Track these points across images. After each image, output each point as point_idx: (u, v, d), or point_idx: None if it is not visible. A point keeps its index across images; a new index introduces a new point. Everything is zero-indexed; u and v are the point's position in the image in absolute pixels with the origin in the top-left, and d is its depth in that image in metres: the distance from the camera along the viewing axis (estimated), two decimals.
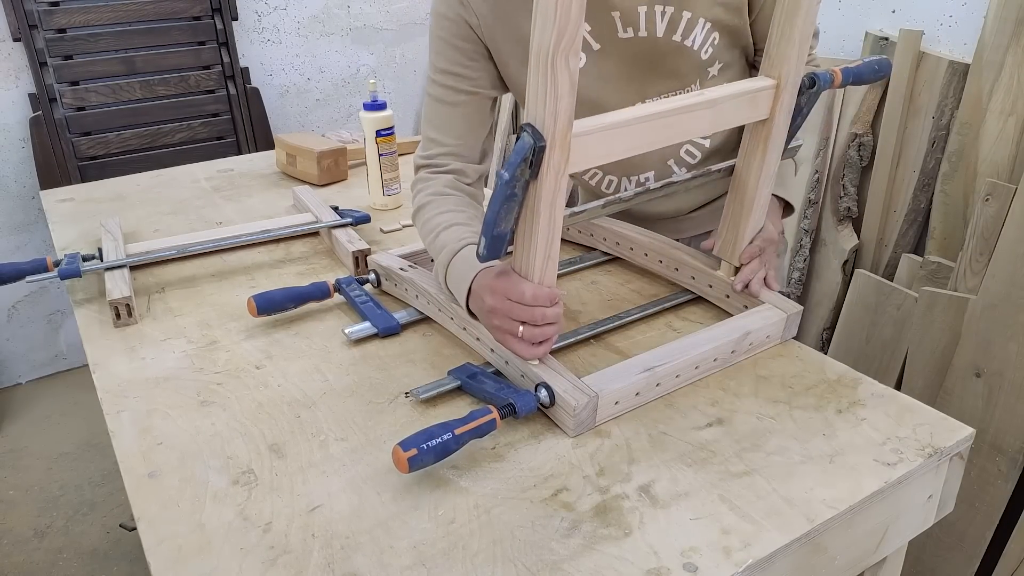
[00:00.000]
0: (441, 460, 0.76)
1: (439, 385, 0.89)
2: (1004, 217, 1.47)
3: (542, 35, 0.68)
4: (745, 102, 0.88)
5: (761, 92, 0.89)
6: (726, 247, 1.03)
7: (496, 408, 0.80)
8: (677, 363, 0.88)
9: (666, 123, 0.83)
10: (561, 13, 0.67)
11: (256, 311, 1.03)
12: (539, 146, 0.72)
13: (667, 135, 0.84)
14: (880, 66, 0.96)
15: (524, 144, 0.72)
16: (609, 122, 0.78)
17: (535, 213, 0.77)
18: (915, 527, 0.85)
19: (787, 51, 0.87)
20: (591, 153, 0.78)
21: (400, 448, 0.73)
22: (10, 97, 2.30)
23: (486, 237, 0.77)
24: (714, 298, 1.06)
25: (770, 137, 0.92)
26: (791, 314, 0.98)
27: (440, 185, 1.05)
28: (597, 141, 0.78)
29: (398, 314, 1.05)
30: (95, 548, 1.92)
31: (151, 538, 0.71)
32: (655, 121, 0.81)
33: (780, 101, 0.90)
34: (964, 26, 1.72)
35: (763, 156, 0.94)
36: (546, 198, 0.76)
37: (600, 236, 1.22)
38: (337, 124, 2.88)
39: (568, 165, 0.75)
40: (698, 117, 0.85)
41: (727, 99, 0.86)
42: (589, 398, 0.81)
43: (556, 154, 0.73)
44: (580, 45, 0.69)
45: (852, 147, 1.90)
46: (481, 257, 0.79)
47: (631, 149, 0.82)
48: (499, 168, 0.73)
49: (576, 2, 0.67)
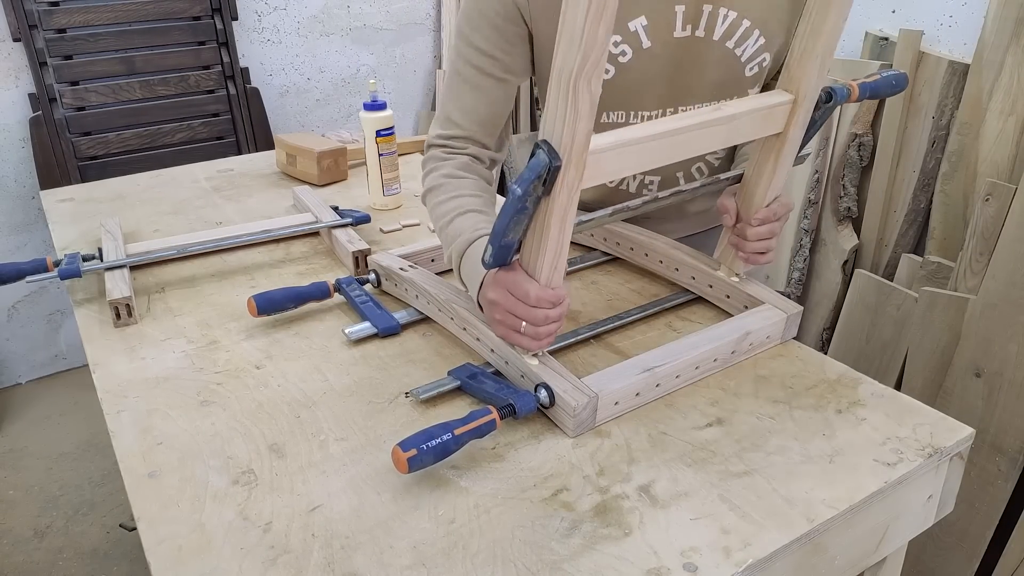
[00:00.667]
0: (441, 461, 0.76)
1: (439, 385, 0.89)
2: (1004, 217, 1.47)
3: (566, 57, 0.67)
4: (761, 117, 0.87)
5: (778, 107, 0.88)
6: (727, 253, 1.03)
7: (496, 408, 0.80)
8: (677, 363, 0.88)
9: (683, 139, 0.82)
10: (588, 36, 0.65)
11: (256, 311, 1.03)
12: (555, 165, 0.71)
13: (682, 151, 0.83)
14: (897, 81, 0.94)
15: (539, 162, 0.71)
16: (627, 139, 0.77)
17: (546, 227, 0.77)
18: (915, 527, 0.85)
19: (808, 67, 0.85)
20: (605, 169, 0.77)
21: (400, 448, 0.73)
22: (10, 97, 2.30)
23: (493, 246, 0.77)
24: (714, 298, 1.06)
25: (783, 150, 0.92)
26: (791, 314, 0.97)
27: (453, 167, 1.02)
28: (612, 158, 0.77)
29: (398, 314, 1.05)
30: (95, 548, 1.92)
31: (151, 538, 0.71)
32: (672, 137, 0.81)
33: (796, 116, 0.89)
34: (964, 26, 1.72)
35: (774, 168, 0.93)
36: (558, 213, 0.75)
37: (600, 236, 1.22)
38: (337, 124, 2.88)
39: (582, 182, 0.75)
40: (713, 133, 0.84)
41: (744, 115, 0.85)
42: (589, 398, 0.81)
43: (571, 172, 0.73)
44: (603, 67, 0.68)
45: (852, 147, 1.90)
46: (487, 264, 0.79)
47: (645, 164, 0.81)
48: (511, 182, 0.73)
49: (604, 25, 0.65)
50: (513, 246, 0.79)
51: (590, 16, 0.64)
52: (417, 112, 3.04)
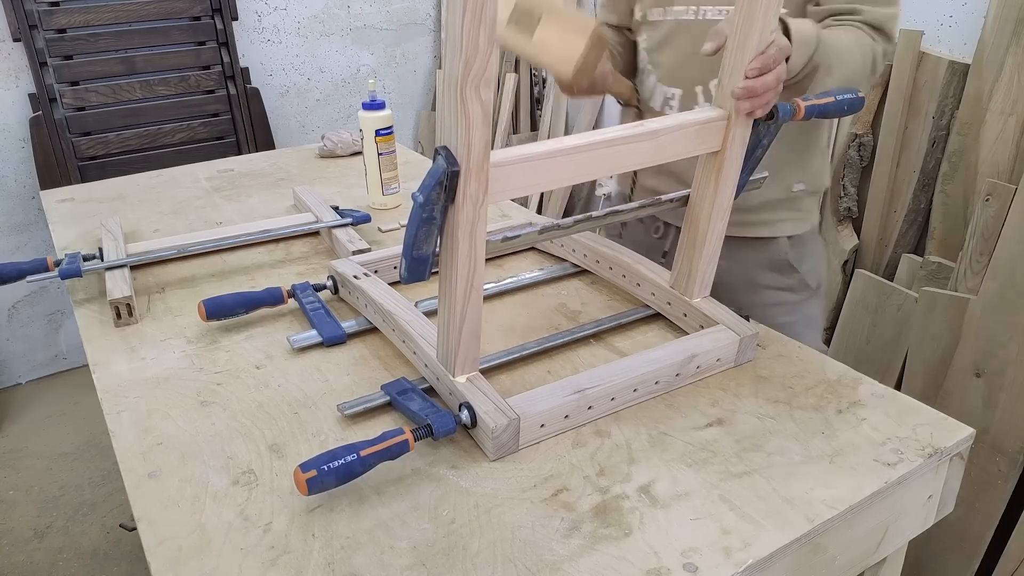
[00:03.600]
0: (346, 483, 0.73)
1: (367, 400, 0.87)
2: (1004, 217, 1.47)
3: (451, 65, 0.66)
4: (692, 134, 0.84)
5: (710, 124, 0.85)
6: (680, 280, 0.99)
7: (409, 429, 0.77)
8: (610, 386, 0.85)
9: (599, 155, 0.79)
10: (469, 43, 0.64)
11: (206, 316, 1.02)
12: (452, 170, 0.69)
13: (605, 166, 0.80)
14: (851, 106, 0.91)
15: (438, 168, 0.69)
16: (531, 153, 0.74)
17: (454, 240, 0.74)
18: (915, 527, 0.85)
19: (738, 83, 0.83)
20: (513, 184, 0.74)
21: (300, 469, 0.71)
22: (10, 97, 2.30)
23: (406, 259, 0.74)
24: (673, 316, 1.02)
25: (722, 170, 0.89)
26: (745, 336, 0.93)
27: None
28: (520, 172, 0.74)
29: (347, 323, 1.03)
30: (95, 548, 1.92)
31: (151, 538, 0.71)
32: (585, 153, 0.78)
33: (732, 134, 0.86)
34: (964, 26, 1.72)
35: (715, 189, 0.90)
36: (464, 227, 0.73)
37: (570, 247, 1.19)
38: (337, 124, 2.88)
39: (488, 196, 0.72)
40: (637, 149, 0.81)
41: (670, 131, 0.82)
42: (509, 420, 0.78)
43: (472, 184, 0.71)
44: (492, 75, 0.67)
45: (852, 147, 1.90)
46: (403, 279, 0.76)
47: (561, 180, 0.78)
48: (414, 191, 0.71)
49: (484, 31, 0.64)
50: (427, 260, 0.76)
51: (467, 22, 0.63)
52: (417, 112, 3.04)
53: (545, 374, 0.94)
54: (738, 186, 0.92)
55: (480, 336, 0.82)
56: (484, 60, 0.65)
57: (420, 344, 0.90)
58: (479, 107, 0.67)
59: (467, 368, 0.83)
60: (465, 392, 0.81)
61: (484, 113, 0.68)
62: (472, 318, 0.80)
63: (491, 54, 0.66)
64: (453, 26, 0.64)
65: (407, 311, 0.96)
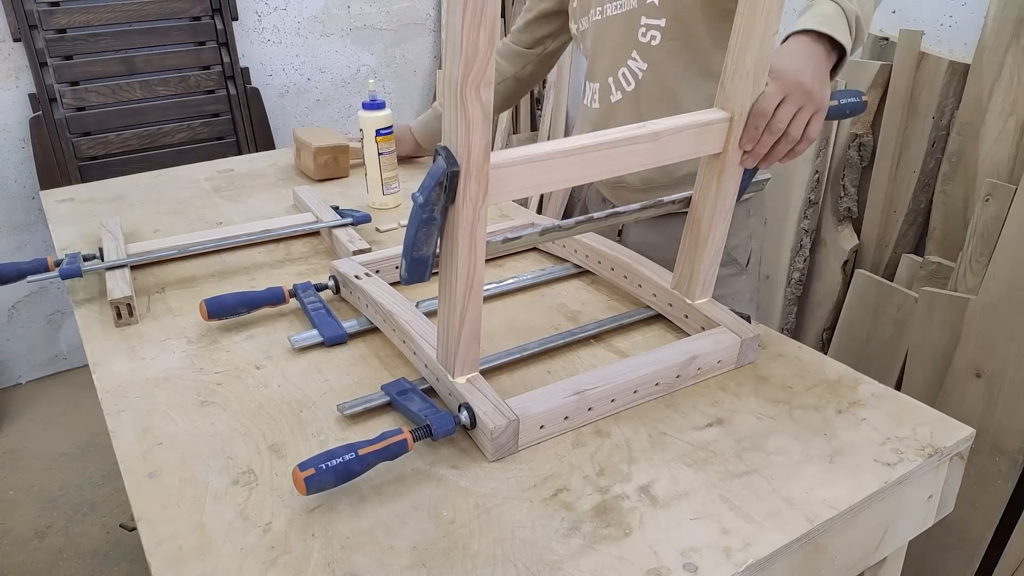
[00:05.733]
0: (345, 483, 0.73)
1: (367, 401, 0.87)
2: (1004, 217, 1.47)
3: (452, 66, 0.66)
4: (693, 135, 0.84)
5: (712, 125, 0.85)
6: (681, 282, 0.99)
7: (408, 430, 0.77)
8: (610, 387, 0.85)
9: (600, 156, 0.79)
10: (469, 43, 0.64)
11: (207, 315, 1.02)
12: (452, 171, 0.69)
13: (606, 168, 0.80)
14: (853, 109, 0.91)
15: (438, 167, 0.70)
16: (532, 154, 0.74)
17: (454, 242, 0.74)
18: (915, 527, 0.85)
19: (742, 83, 0.83)
20: (513, 185, 0.74)
21: (298, 468, 0.71)
22: (10, 97, 2.30)
23: (406, 259, 0.74)
24: (674, 317, 1.02)
25: (723, 171, 0.88)
26: (747, 338, 0.93)
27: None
28: (520, 173, 0.74)
29: (348, 323, 1.03)
30: (95, 548, 1.92)
31: (151, 538, 0.71)
32: (586, 155, 0.77)
33: (735, 135, 0.86)
34: (964, 26, 1.72)
35: (717, 191, 0.90)
36: (464, 227, 0.73)
37: (571, 248, 1.19)
38: (337, 124, 2.88)
39: (488, 197, 0.72)
40: (638, 150, 0.81)
41: (672, 132, 0.82)
42: (509, 422, 0.78)
43: (472, 185, 0.71)
44: (492, 75, 0.67)
45: (852, 147, 1.90)
46: (403, 280, 0.76)
47: (563, 181, 0.78)
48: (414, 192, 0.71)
49: (484, 32, 0.64)
50: (428, 261, 0.75)
51: (467, 23, 0.63)
52: (417, 112, 3.04)
53: (545, 375, 0.94)
54: (740, 188, 0.92)
55: (480, 337, 0.82)
56: (484, 61, 0.66)
57: (420, 344, 0.90)
58: (479, 108, 0.67)
59: (467, 369, 0.83)
60: (465, 393, 0.81)
61: (484, 114, 0.68)
62: (472, 319, 0.80)
63: (491, 55, 0.66)
64: (453, 27, 0.64)
65: (407, 311, 0.96)
